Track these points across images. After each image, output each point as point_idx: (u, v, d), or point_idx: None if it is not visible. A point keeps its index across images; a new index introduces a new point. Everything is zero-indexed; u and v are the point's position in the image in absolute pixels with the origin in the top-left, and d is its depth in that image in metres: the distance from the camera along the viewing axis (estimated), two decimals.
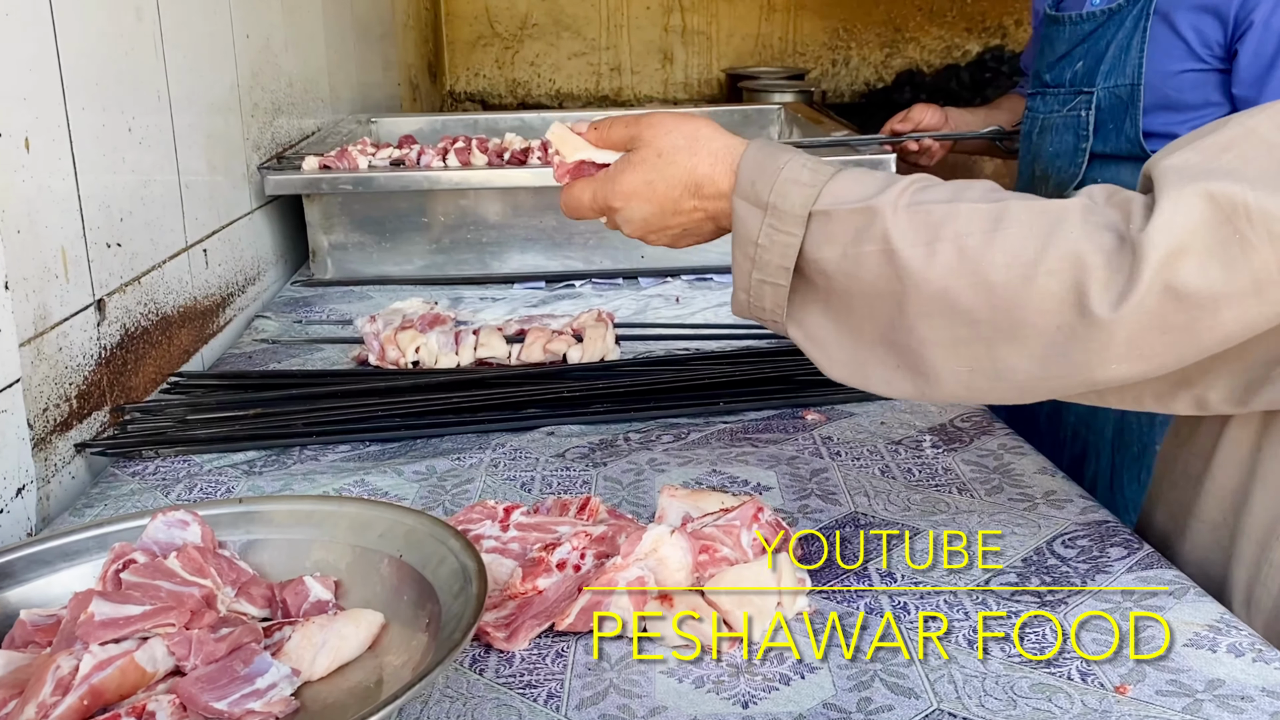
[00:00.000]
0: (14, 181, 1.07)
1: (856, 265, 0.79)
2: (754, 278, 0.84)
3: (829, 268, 0.81)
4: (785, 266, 0.82)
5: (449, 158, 1.95)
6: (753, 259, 0.83)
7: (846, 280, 0.80)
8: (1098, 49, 1.75)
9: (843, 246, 0.80)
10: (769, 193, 0.82)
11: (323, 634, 0.79)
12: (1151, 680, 0.76)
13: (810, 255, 0.81)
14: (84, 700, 0.69)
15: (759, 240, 0.82)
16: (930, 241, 0.77)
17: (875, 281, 0.79)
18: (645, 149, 0.87)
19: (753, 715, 0.73)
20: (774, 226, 0.82)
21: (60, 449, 1.15)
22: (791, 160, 0.83)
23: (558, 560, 0.86)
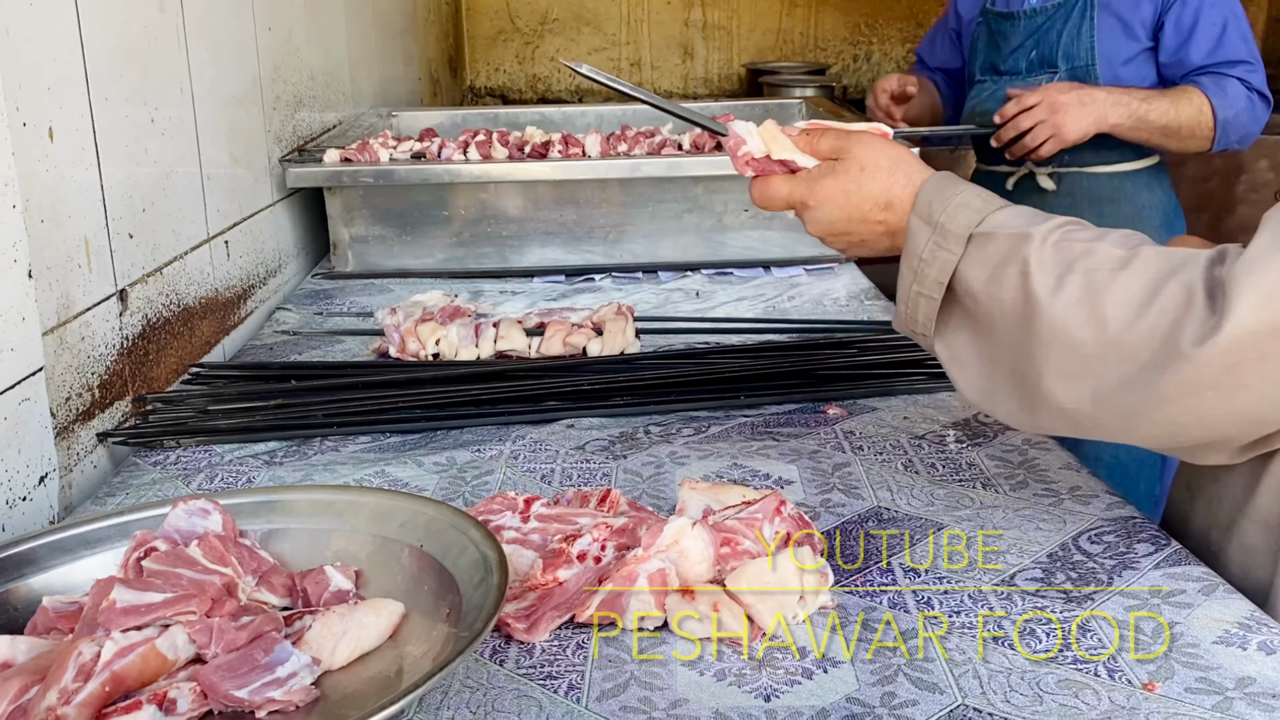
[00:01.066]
0: (38, 171, 1.07)
1: (999, 286, 0.84)
2: (913, 290, 0.90)
3: (976, 288, 0.86)
4: (940, 281, 0.88)
5: (470, 151, 1.94)
6: (915, 272, 0.89)
7: (989, 302, 0.85)
8: (1049, 39, 2.05)
9: (991, 268, 0.85)
10: (940, 213, 0.88)
11: (343, 623, 0.78)
12: (1180, 677, 0.74)
13: (963, 274, 0.87)
14: (105, 686, 0.69)
15: (923, 255, 0.89)
16: (1062, 274, 0.81)
17: (1011, 304, 0.83)
18: (850, 161, 0.94)
19: (775, 709, 0.73)
20: (938, 244, 0.88)
21: (82, 438, 1.15)
22: (968, 189, 0.89)
23: (578, 552, 0.86)
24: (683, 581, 0.83)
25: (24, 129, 1.05)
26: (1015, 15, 2.08)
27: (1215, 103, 1.93)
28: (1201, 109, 1.93)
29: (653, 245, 1.89)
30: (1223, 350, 0.74)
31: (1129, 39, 2.00)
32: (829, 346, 1.41)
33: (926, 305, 0.89)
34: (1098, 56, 2.01)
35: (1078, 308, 0.80)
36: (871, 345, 1.41)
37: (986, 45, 2.17)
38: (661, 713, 0.73)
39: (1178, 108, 1.93)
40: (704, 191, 1.87)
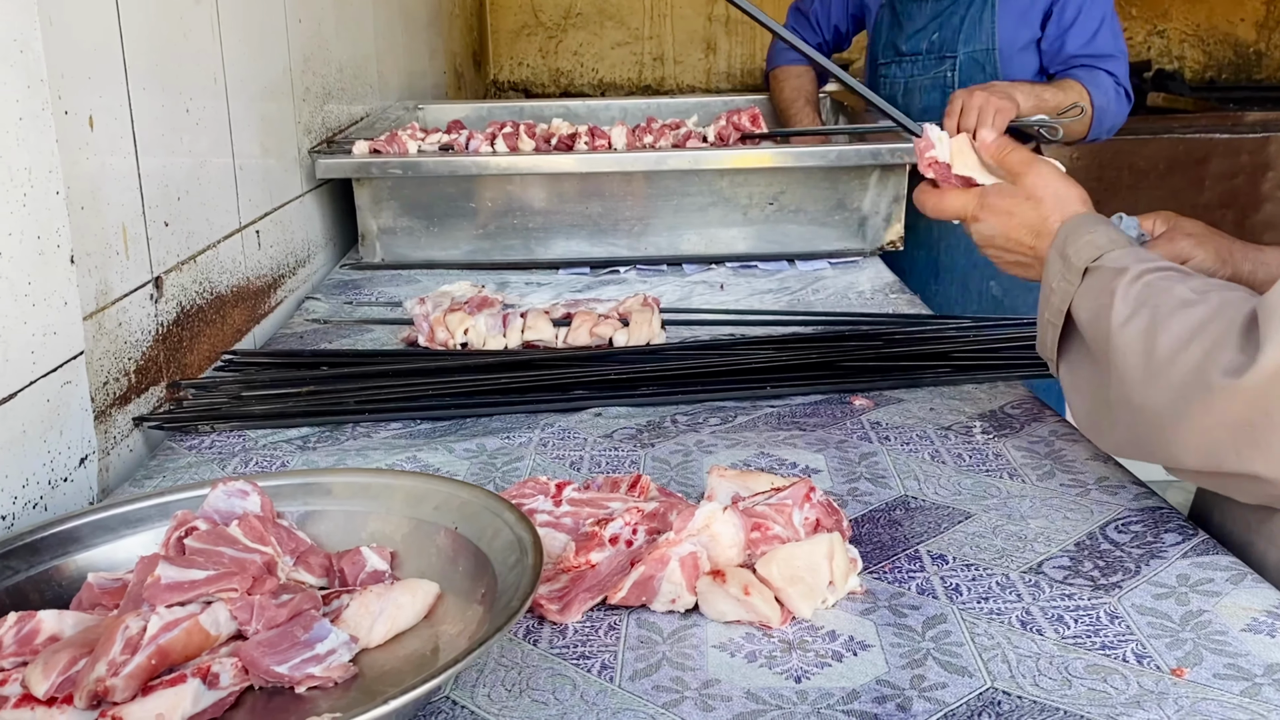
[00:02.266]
0: (78, 159, 1.09)
1: (1095, 317, 0.90)
2: (1044, 317, 0.96)
3: (1084, 318, 0.92)
4: (1061, 309, 0.94)
5: (497, 143, 1.96)
6: (1045, 300, 0.96)
7: (1094, 334, 0.90)
8: (952, 23, 2.21)
9: (1094, 300, 0.90)
10: (1070, 247, 0.94)
11: (380, 603, 0.80)
12: (1209, 663, 0.75)
13: (1076, 305, 0.93)
14: (152, 660, 0.70)
15: (1053, 285, 0.95)
16: (1136, 309, 0.86)
17: (1096, 335, 0.89)
18: (1021, 187, 1.02)
19: (806, 690, 0.74)
20: (1063, 275, 0.94)
21: (119, 422, 1.17)
22: (1102, 229, 0.95)
23: (610, 535, 0.87)
24: (713, 565, 0.84)
25: (66, 117, 1.06)
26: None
27: (1092, 93, 2.12)
28: (1082, 96, 2.12)
29: (677, 238, 1.90)
30: (1252, 386, 0.76)
31: (1024, 26, 2.19)
32: (854, 338, 1.42)
33: (1051, 332, 0.95)
34: (998, 41, 2.19)
35: (1137, 339, 0.84)
36: (897, 338, 1.41)
37: (889, 26, 2.30)
38: (694, 692, 0.74)
39: (1066, 95, 2.10)
40: (729, 185, 1.88)
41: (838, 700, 0.73)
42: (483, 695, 0.75)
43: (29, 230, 0.95)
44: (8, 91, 0.92)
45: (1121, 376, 0.86)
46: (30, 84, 0.95)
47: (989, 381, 1.31)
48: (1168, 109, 3.74)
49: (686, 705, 0.72)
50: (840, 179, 1.89)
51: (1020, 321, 1.43)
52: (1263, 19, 4.14)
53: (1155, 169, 3.19)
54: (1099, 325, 0.89)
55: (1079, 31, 2.16)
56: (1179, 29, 4.17)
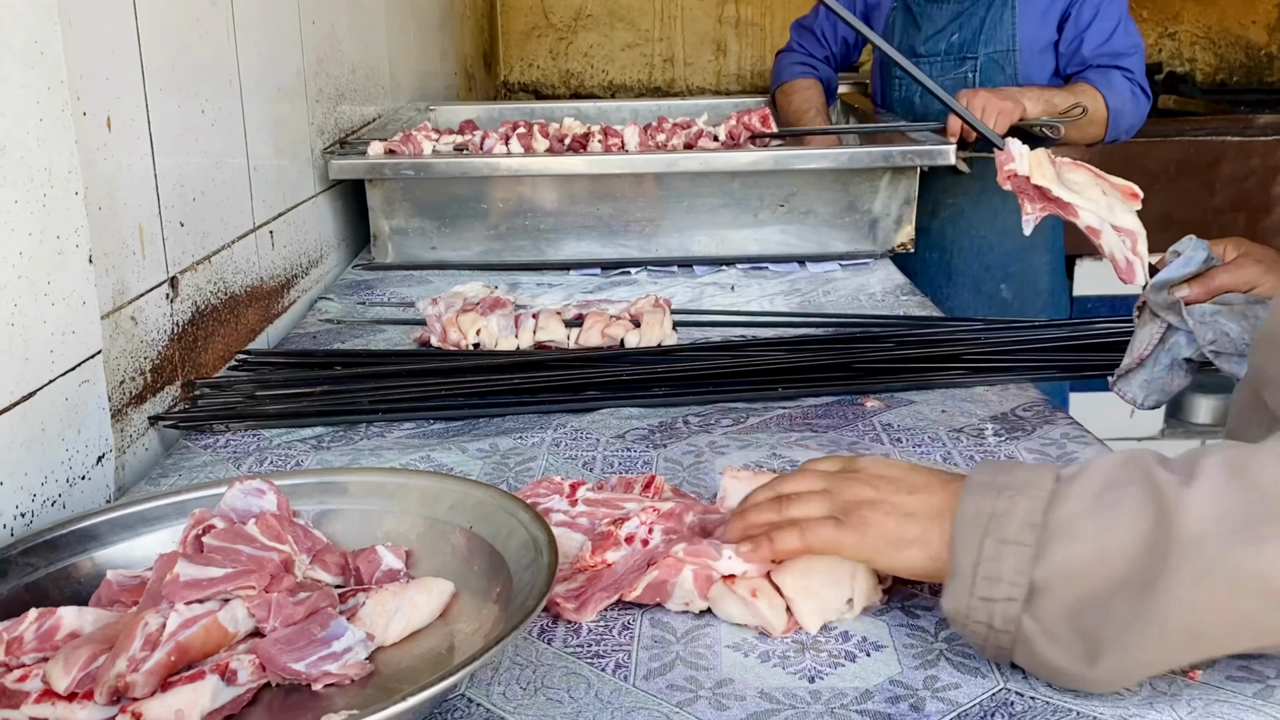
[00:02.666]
0: (96, 159, 1.10)
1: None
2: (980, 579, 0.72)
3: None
4: (1017, 581, 0.71)
5: (511, 142, 1.97)
6: (975, 568, 0.73)
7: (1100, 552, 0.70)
8: (972, 24, 2.21)
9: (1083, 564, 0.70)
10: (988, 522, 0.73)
11: (396, 601, 0.80)
12: (1222, 666, 0.75)
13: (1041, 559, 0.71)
14: (171, 656, 0.71)
15: (984, 554, 0.72)
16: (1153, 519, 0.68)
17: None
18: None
19: (819, 690, 0.74)
20: (999, 537, 0.72)
21: (135, 421, 1.18)
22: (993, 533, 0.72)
23: (626, 534, 0.87)
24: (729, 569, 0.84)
25: (84, 118, 1.07)
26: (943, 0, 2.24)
27: (1106, 95, 2.14)
28: (1096, 100, 2.14)
29: (688, 239, 1.91)
30: None
31: (1044, 28, 2.20)
32: (866, 340, 1.42)
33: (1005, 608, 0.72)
34: (1019, 43, 2.19)
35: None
36: (908, 340, 1.42)
37: (905, 26, 2.29)
38: (708, 691, 0.74)
39: (1077, 98, 2.12)
40: (740, 186, 1.89)
41: (851, 700, 0.73)
42: (498, 693, 0.75)
43: (49, 230, 0.96)
44: (29, 93, 0.93)
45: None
46: (50, 85, 0.96)
47: (1001, 384, 1.31)
48: (1179, 111, 3.74)
49: (701, 704, 0.73)
50: (851, 181, 1.89)
51: (1032, 324, 1.44)
52: (1274, 22, 4.13)
53: (1166, 171, 3.19)
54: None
55: (1095, 33, 2.17)
56: (1190, 31, 4.17)
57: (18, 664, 0.74)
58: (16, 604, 0.79)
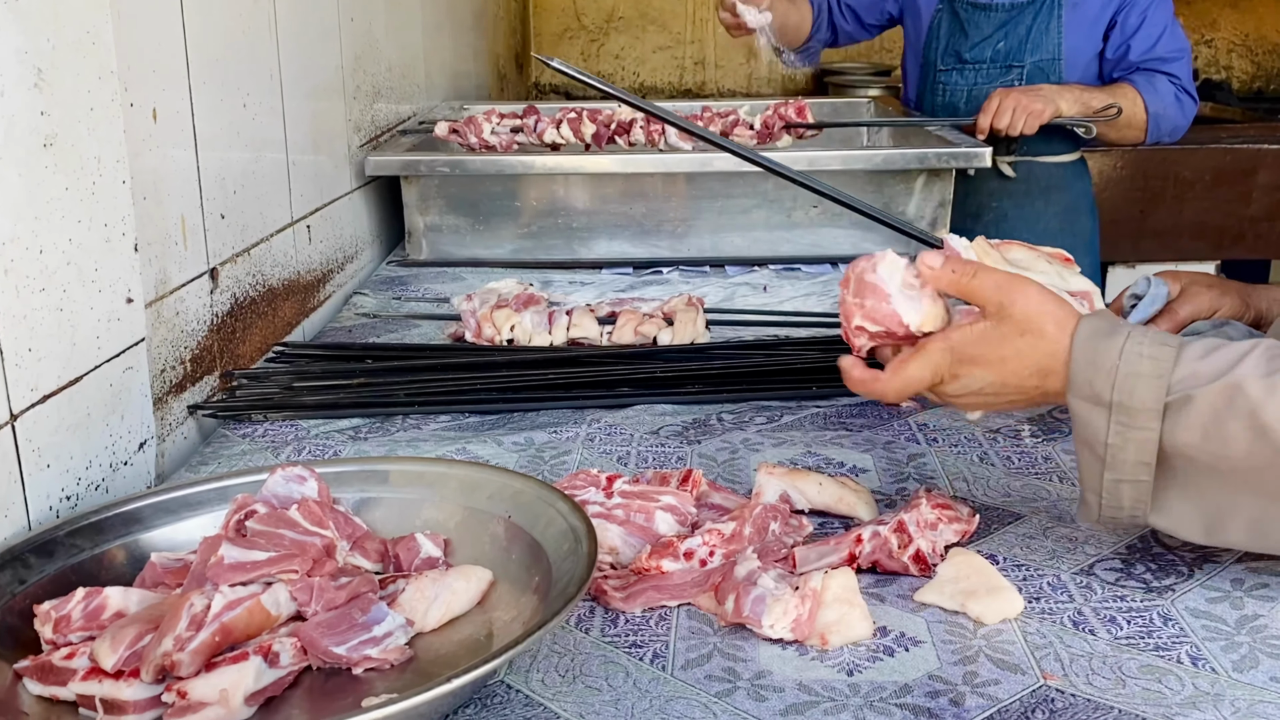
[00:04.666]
0: (142, 150, 1.11)
1: (1223, 445, 0.77)
2: (1107, 479, 0.81)
3: (1191, 452, 0.78)
4: (1145, 462, 0.80)
5: (562, 126, 2.00)
6: (1103, 460, 0.81)
7: (1212, 460, 0.78)
8: (1018, 32, 2.20)
9: (1202, 429, 0.77)
10: (1111, 390, 0.79)
11: (435, 588, 0.81)
12: (1265, 667, 0.75)
13: (1169, 443, 0.79)
14: (215, 637, 0.72)
15: (1110, 440, 0.80)
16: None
17: (1248, 458, 0.77)
18: (1009, 323, 0.83)
19: (858, 683, 0.74)
20: (1124, 424, 0.79)
21: (175, 409, 1.20)
22: (1126, 349, 0.80)
23: (686, 549, 0.87)
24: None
25: (131, 110, 1.09)
26: (991, 7, 2.22)
27: (1146, 98, 2.14)
28: (1135, 102, 2.14)
29: (720, 239, 1.91)
30: None
31: (1090, 37, 2.19)
32: None
33: (1134, 490, 0.80)
34: (1064, 51, 2.19)
35: None
36: None
37: (950, 32, 2.28)
38: (745, 683, 0.74)
39: (1114, 99, 2.12)
40: (773, 187, 1.88)
41: (890, 694, 0.73)
42: (536, 680, 0.75)
43: (97, 218, 0.97)
44: (80, 82, 0.94)
45: None
46: (101, 75, 0.97)
47: None
48: (1215, 119, 3.70)
49: (739, 695, 0.73)
50: (886, 182, 1.89)
51: None
52: None
53: (1201, 179, 3.16)
54: (1233, 451, 0.77)
55: (1142, 39, 2.16)
56: (1227, 39, 4.13)
57: (65, 642, 0.75)
58: (63, 584, 0.80)
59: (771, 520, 0.92)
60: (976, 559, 0.86)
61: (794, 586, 0.80)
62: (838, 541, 0.89)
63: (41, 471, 0.90)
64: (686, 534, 0.90)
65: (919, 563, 0.87)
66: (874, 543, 0.88)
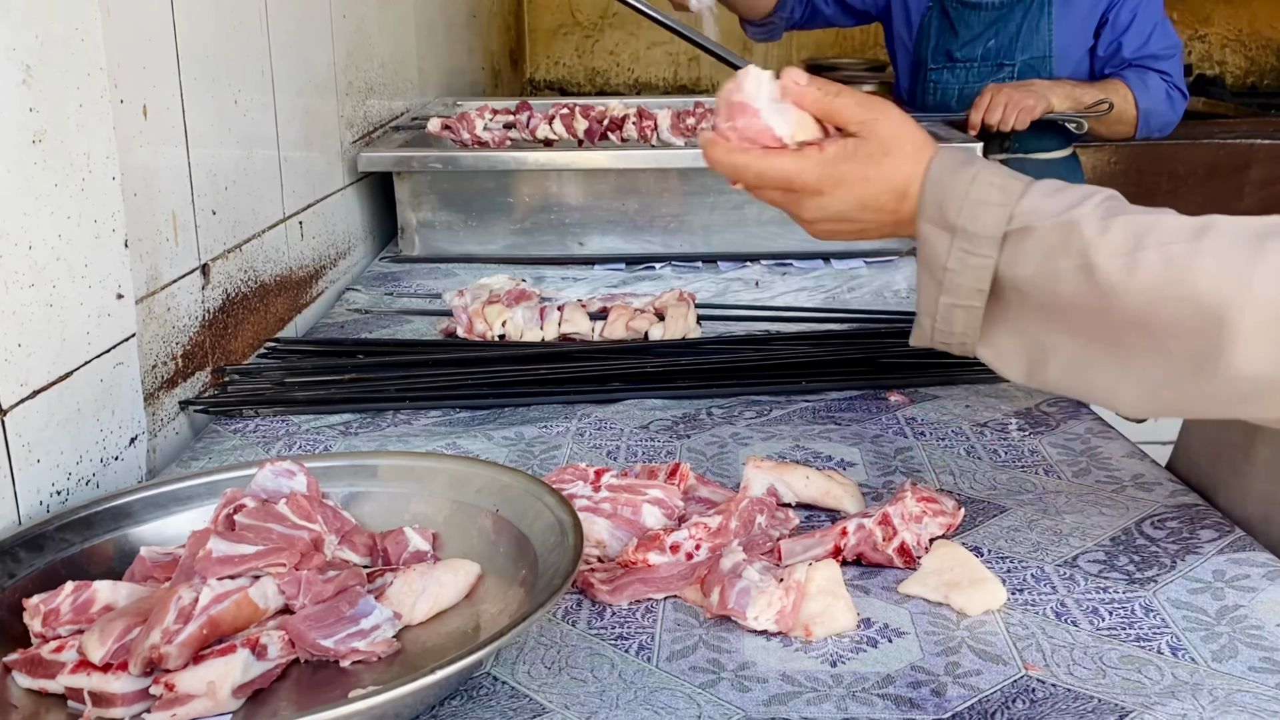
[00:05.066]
0: (132, 146, 1.12)
1: (1053, 281, 0.78)
2: (942, 302, 0.82)
3: (1023, 285, 0.79)
4: (979, 289, 0.80)
5: (554, 122, 2.00)
6: (941, 283, 0.81)
7: (1042, 296, 0.79)
8: (1009, 30, 2.21)
9: (1036, 263, 0.78)
10: (957, 215, 0.80)
11: (423, 581, 0.82)
12: (1244, 657, 0.75)
13: (1004, 274, 0.80)
14: (203, 629, 0.73)
15: (948, 264, 0.80)
16: (1132, 251, 0.75)
17: (1073, 298, 0.77)
18: (874, 142, 0.83)
19: (841, 674, 0.75)
20: (965, 250, 0.80)
21: (166, 405, 1.20)
22: (978, 177, 0.81)
23: (672, 542, 0.88)
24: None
25: (121, 106, 1.09)
26: (981, 5, 2.24)
27: (1137, 94, 2.18)
28: (1126, 98, 2.17)
29: (712, 235, 1.91)
30: None
31: (1081, 35, 2.21)
32: (890, 335, 1.42)
33: (965, 315, 0.82)
34: (1055, 49, 2.21)
35: (1161, 286, 0.74)
36: None
37: (940, 31, 2.30)
38: (730, 674, 0.75)
39: (1105, 95, 2.15)
40: None
41: (873, 684, 0.74)
42: (523, 672, 0.76)
43: (86, 214, 0.98)
44: (69, 78, 0.94)
45: (1162, 335, 0.74)
46: (90, 72, 0.98)
47: None
48: (1209, 114, 3.71)
49: (723, 686, 0.74)
50: None
51: None
52: None
53: (1195, 174, 3.17)
54: (1062, 289, 0.77)
55: (1133, 35, 2.19)
56: (1220, 34, 4.14)
57: (54, 635, 0.75)
58: (52, 578, 0.80)
59: (758, 513, 0.92)
60: (960, 551, 0.87)
61: (779, 579, 0.81)
62: (823, 534, 0.89)
63: (31, 466, 0.91)
64: (673, 527, 0.90)
65: (903, 555, 0.88)
66: (859, 535, 0.88)
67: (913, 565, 0.87)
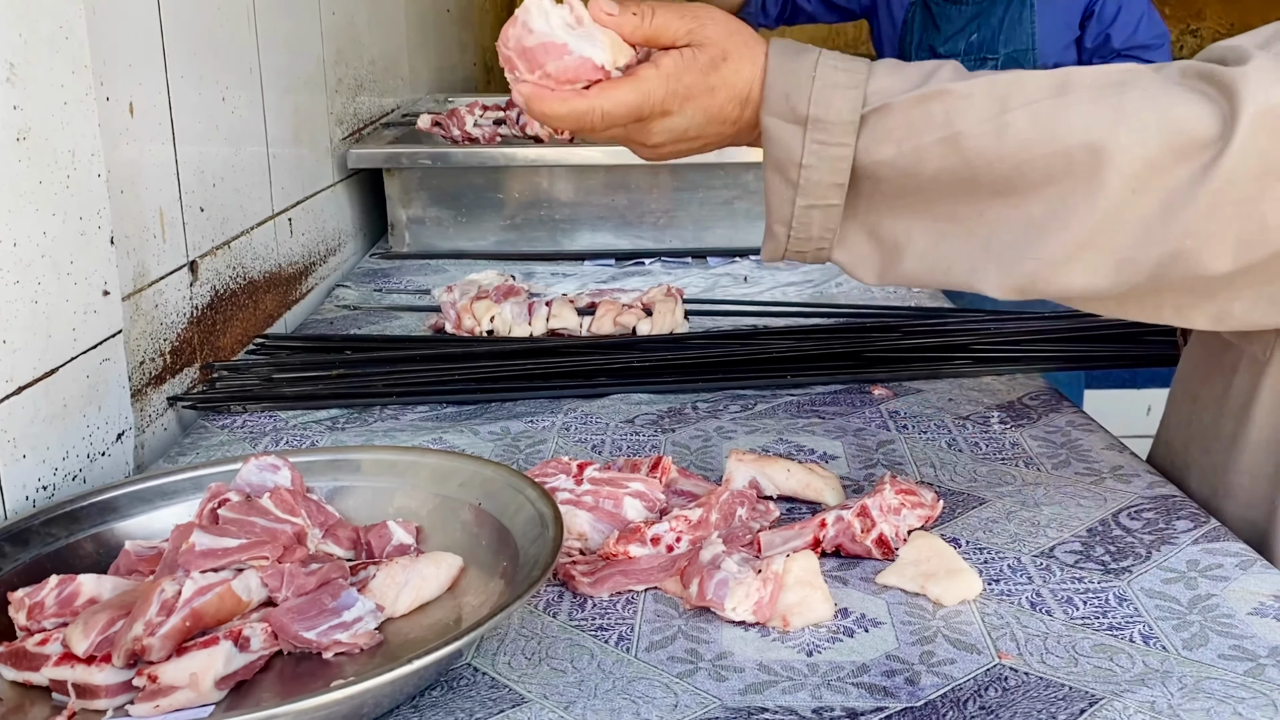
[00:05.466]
0: (119, 144, 1.12)
1: (916, 160, 0.73)
2: (799, 205, 0.76)
3: (883, 171, 0.75)
4: (838, 183, 0.75)
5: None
6: (797, 184, 0.76)
7: (901, 179, 0.74)
8: (990, 24, 2.23)
9: (897, 142, 0.74)
10: (807, 104, 0.74)
11: (405, 573, 0.82)
12: (1214, 645, 0.76)
13: (862, 161, 0.75)
14: (186, 622, 0.73)
15: (804, 160, 0.75)
16: (998, 114, 0.71)
17: (938, 174, 0.73)
18: (708, 49, 0.76)
19: (817, 663, 0.76)
20: (820, 141, 0.74)
21: (154, 401, 1.21)
22: (821, 63, 0.76)
23: (653, 535, 0.89)
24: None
25: (107, 103, 1.10)
26: (962, 1, 2.27)
27: None
28: None
29: (701, 231, 1.92)
30: (1232, 165, 0.66)
31: (1064, 26, 2.23)
32: (875, 330, 1.43)
33: (824, 216, 0.76)
34: (1038, 41, 2.22)
35: (1031, 146, 0.70)
36: (917, 330, 1.43)
37: (923, 26, 2.31)
38: (707, 663, 0.76)
39: None
40: (754, 179, 1.90)
41: (848, 674, 0.74)
42: (503, 663, 0.77)
43: (71, 211, 0.98)
44: (53, 76, 0.95)
45: (1033, 198, 0.71)
46: (75, 70, 0.98)
47: (1008, 374, 1.32)
48: None
49: (700, 675, 0.75)
50: None
51: (1040, 315, 1.44)
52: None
53: None
54: (928, 167, 0.73)
55: (1122, 25, 2.20)
56: (1213, 28, 4.15)
57: (39, 628, 0.76)
58: (38, 571, 0.81)
59: (738, 506, 0.93)
60: (937, 542, 0.88)
61: (757, 570, 0.82)
62: (802, 526, 0.90)
63: (18, 462, 0.92)
64: (655, 520, 0.91)
65: (882, 546, 0.88)
66: (838, 527, 0.89)
67: (891, 556, 0.88)
